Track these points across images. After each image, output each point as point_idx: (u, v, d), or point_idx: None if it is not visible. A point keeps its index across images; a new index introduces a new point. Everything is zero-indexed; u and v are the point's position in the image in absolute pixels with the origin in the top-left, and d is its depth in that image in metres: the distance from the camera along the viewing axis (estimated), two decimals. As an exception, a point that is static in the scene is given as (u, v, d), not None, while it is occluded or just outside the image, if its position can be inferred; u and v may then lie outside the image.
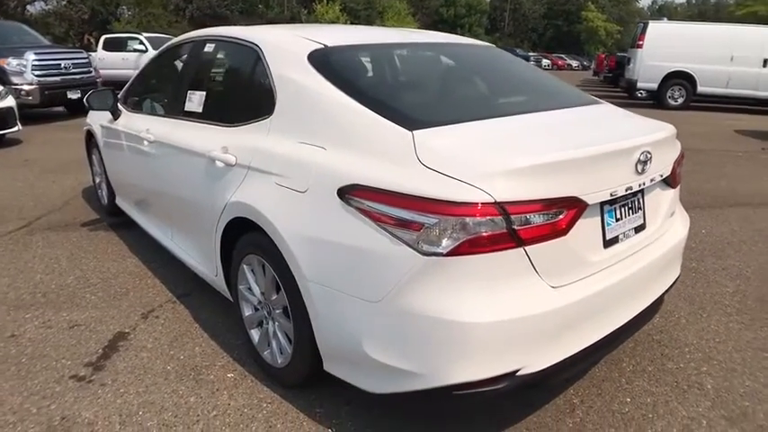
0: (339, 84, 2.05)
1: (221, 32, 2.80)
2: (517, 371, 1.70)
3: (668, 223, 2.29)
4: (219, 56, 2.83)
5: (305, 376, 2.17)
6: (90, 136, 4.39)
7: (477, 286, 1.64)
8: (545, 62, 45.05)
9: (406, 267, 1.64)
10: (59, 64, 9.30)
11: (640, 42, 12.93)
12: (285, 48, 2.35)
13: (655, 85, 13.06)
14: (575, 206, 1.73)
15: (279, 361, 2.25)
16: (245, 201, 2.13)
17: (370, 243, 1.70)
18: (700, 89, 12.72)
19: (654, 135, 2.06)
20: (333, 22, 39.24)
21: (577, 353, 1.83)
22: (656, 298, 2.19)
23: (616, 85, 18.61)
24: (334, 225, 1.80)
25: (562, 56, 52.61)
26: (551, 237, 1.69)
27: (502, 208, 1.58)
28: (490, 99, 2.44)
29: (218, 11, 31.43)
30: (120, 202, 4.02)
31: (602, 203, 1.88)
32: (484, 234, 1.58)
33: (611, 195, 1.88)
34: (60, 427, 2.04)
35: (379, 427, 2.07)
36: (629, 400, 2.27)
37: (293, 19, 39.41)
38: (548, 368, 1.75)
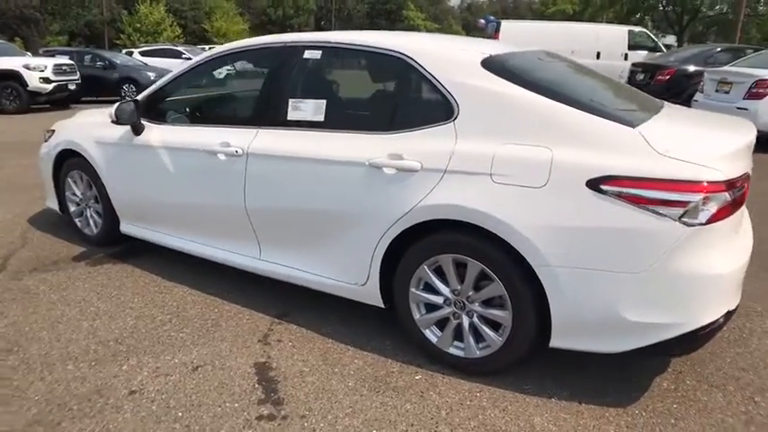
0: (533, 88, 2.16)
1: (334, 39, 2.64)
2: (729, 309, 2.04)
3: None
4: (340, 64, 2.66)
5: (514, 360, 2.24)
6: (63, 158, 3.69)
7: (720, 245, 1.95)
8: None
9: (672, 238, 1.87)
10: None
11: (496, 39, 14.38)
12: (449, 57, 2.35)
13: (509, 77, 14.61)
14: (748, 179, 2.11)
15: (477, 353, 2.28)
16: (452, 202, 2.12)
17: (630, 223, 1.89)
18: (547, 78, 14.54)
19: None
20: (158, 24, 36.23)
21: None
22: None
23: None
24: (586, 212, 1.94)
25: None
26: (742, 203, 2.05)
27: (731, 184, 1.91)
28: (624, 99, 2.61)
29: (26, 12, 26.89)
30: (130, 228, 3.47)
31: None
32: (724, 205, 1.90)
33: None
34: (301, 467, 1.85)
35: (590, 381, 2.25)
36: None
37: (113, 20, 35.49)
38: (738, 305, 2.12)
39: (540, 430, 2.02)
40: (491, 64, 2.27)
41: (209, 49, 24.72)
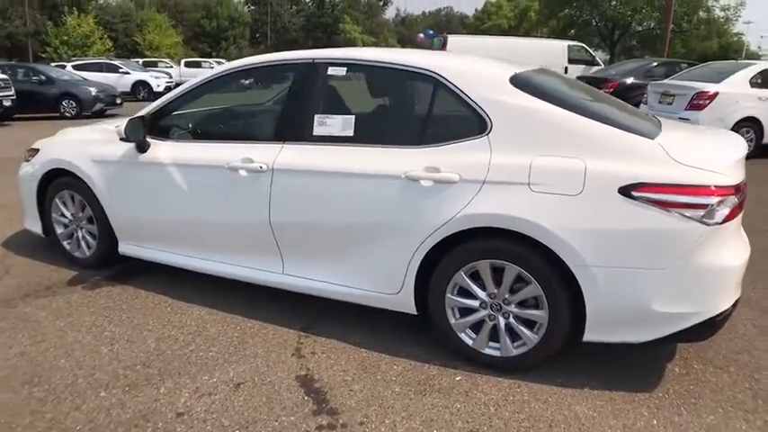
0: (559, 104, 2.36)
1: (362, 56, 2.74)
2: (736, 299, 2.29)
3: None
4: (367, 80, 2.73)
5: (548, 356, 2.40)
6: (50, 178, 3.53)
7: (731, 241, 2.21)
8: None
9: (695, 237, 2.10)
10: None
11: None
12: (479, 74, 2.51)
13: (456, 89, 15.17)
14: (746, 185, 2.36)
15: (513, 351, 2.42)
16: (495, 211, 2.26)
17: (659, 224, 2.11)
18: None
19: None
20: (87, 36, 34.53)
21: None
22: None
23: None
24: (619, 216, 2.13)
25: (327, 66, 54.92)
26: (743, 205, 2.30)
27: (737, 188, 2.17)
28: (631, 114, 2.75)
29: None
30: (132, 249, 3.35)
31: None
32: (734, 206, 2.15)
33: None
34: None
35: (612, 370, 2.45)
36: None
37: (38, 32, 33.46)
38: (740, 296, 2.38)
39: (584, 417, 2.18)
40: (518, 81, 2.44)
41: (142, 62, 23.54)
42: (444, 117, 2.54)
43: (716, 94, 6.94)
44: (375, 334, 2.81)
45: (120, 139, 3.00)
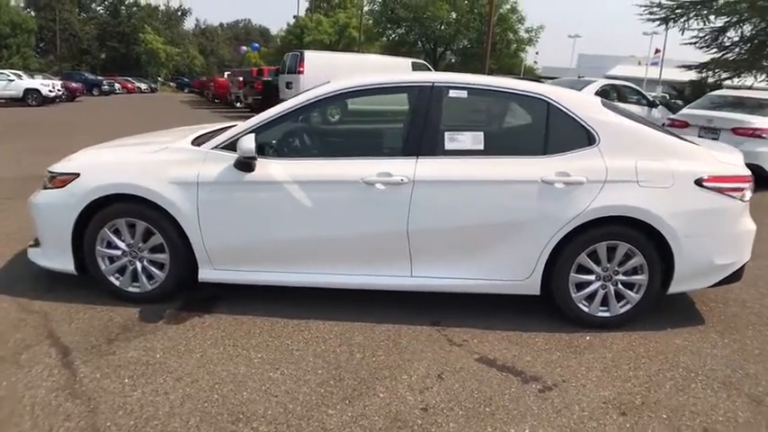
0: (638, 121, 3.05)
1: (481, 81, 3.04)
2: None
3: None
4: (486, 102, 3.00)
5: (646, 310, 3.04)
6: (95, 207, 2.99)
7: (748, 213, 3.11)
8: (117, 86, 40.29)
9: (738, 210, 2.98)
10: None
11: (301, 69, 14.90)
12: (581, 99, 3.06)
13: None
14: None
15: (620, 311, 3.02)
16: (618, 203, 2.83)
17: (720, 204, 2.94)
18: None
19: None
20: None
21: None
22: None
23: (266, 108, 19.99)
24: (695, 200, 2.90)
25: (129, 79, 48.91)
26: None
27: (751, 178, 3.08)
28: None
29: None
30: (220, 273, 3.05)
31: None
32: (751, 190, 3.06)
33: None
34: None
35: (673, 315, 3.21)
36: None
37: None
38: None
39: (685, 345, 2.90)
40: (605, 105, 3.05)
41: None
42: (559, 132, 2.99)
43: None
44: (495, 319, 3.11)
45: (244, 157, 2.76)
